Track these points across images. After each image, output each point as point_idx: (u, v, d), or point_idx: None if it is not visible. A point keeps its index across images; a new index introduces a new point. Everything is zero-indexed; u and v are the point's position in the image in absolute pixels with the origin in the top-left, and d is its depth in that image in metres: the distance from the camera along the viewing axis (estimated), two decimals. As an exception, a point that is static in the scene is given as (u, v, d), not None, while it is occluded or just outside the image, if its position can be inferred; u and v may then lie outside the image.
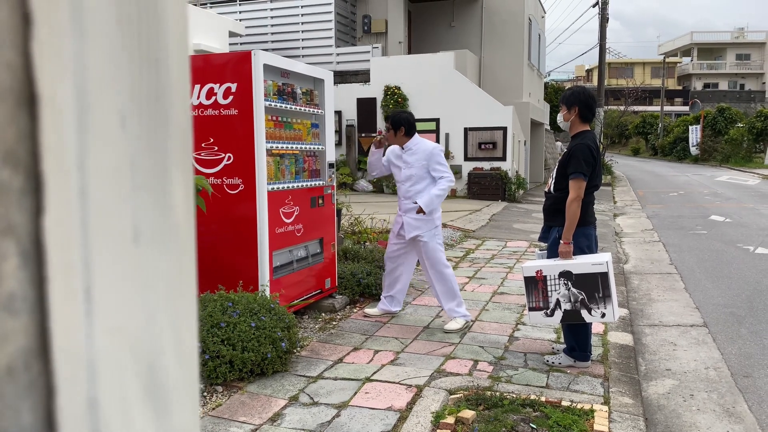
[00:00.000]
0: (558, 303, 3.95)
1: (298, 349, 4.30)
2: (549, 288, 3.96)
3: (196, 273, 0.40)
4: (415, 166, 4.84)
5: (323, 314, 5.29)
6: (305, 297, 5.10)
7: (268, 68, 4.55)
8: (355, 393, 3.60)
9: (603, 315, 3.89)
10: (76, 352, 0.32)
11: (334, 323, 5.05)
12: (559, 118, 4.15)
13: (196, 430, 0.39)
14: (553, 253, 4.06)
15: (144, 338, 0.36)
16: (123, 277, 0.35)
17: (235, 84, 4.45)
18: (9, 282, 0.30)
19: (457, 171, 15.67)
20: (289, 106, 4.85)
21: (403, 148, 4.92)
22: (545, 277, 3.96)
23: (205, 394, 3.56)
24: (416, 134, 4.97)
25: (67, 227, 0.32)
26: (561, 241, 3.93)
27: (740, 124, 34.66)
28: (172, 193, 0.38)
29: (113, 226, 0.34)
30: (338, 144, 16.00)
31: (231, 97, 4.47)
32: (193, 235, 0.40)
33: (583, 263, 3.89)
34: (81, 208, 0.32)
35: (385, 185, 16.05)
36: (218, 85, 4.49)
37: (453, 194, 15.62)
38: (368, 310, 5.27)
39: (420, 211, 4.75)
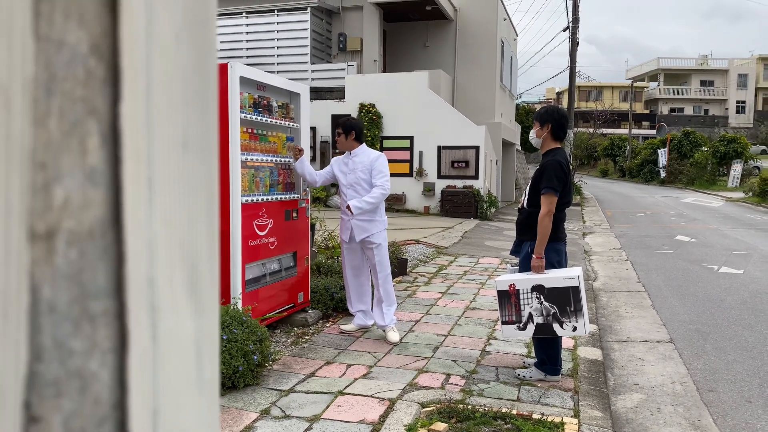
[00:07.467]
0: (530, 316, 4.00)
1: (270, 362, 4.26)
2: (522, 302, 4.01)
3: (218, 194, 0.46)
4: (359, 172, 4.89)
5: (296, 328, 5.25)
6: (278, 311, 5.07)
7: (244, 80, 4.56)
8: (328, 406, 3.58)
9: (574, 329, 3.95)
10: (140, 230, 0.37)
11: (306, 337, 5.02)
12: (532, 134, 4.22)
13: (216, 335, 0.45)
14: (524, 267, 4.12)
15: (189, 239, 0.41)
16: (174, 176, 0.40)
17: (211, 96, 4.44)
18: (92, 157, 0.36)
19: (430, 189, 15.79)
20: (264, 118, 4.86)
21: (350, 153, 4.97)
22: (518, 291, 4.01)
23: (175, 407, 3.50)
24: (364, 144, 5.05)
25: (137, 117, 0.37)
26: (533, 256, 3.99)
27: (704, 148, 35.65)
28: (210, 113, 0.42)
29: (169, 128, 0.39)
30: (313, 160, 16.00)
31: (206, 109, 4.45)
32: (217, 158, 0.45)
33: (555, 277, 3.95)
34: (146, 105, 0.38)
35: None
36: (194, 96, 4.47)
37: (426, 211, 15.72)
38: (344, 327, 5.24)
39: (348, 208, 4.80)
